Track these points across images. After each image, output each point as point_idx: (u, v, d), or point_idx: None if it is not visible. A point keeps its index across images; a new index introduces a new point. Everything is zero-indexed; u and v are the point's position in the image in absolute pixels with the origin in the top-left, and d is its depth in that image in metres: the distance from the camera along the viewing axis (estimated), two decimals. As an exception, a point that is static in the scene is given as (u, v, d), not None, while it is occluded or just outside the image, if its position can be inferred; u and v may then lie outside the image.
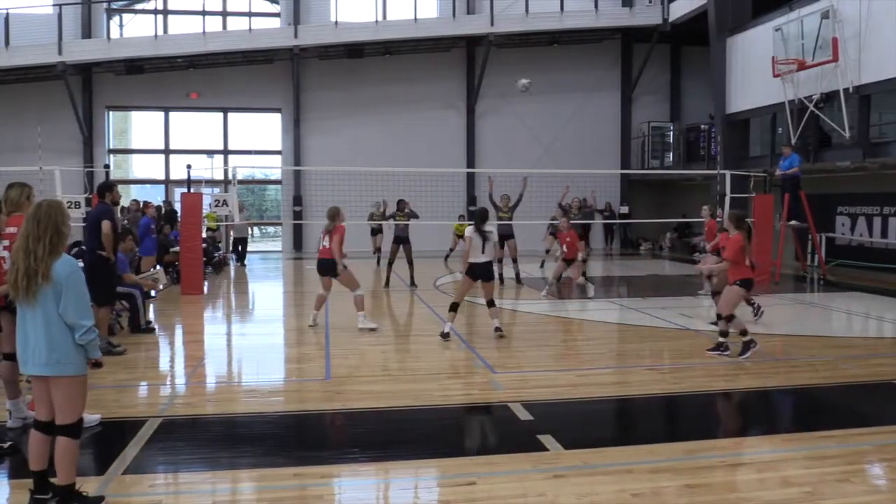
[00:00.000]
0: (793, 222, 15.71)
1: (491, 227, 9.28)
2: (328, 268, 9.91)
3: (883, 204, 17.18)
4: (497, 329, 9.31)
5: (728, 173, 16.67)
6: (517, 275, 15.17)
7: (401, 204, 15.35)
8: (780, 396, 6.99)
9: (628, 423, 6.47)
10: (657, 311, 11.50)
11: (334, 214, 10.01)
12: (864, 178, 17.26)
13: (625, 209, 25.12)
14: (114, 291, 8.86)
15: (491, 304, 9.37)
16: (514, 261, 15.22)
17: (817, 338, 9.65)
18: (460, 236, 20.30)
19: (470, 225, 9.22)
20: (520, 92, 15.78)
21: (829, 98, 16.01)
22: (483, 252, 9.06)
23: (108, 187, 8.84)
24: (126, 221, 14.50)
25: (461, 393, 6.91)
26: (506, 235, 14.83)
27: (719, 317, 8.29)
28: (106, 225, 8.26)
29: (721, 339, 8.27)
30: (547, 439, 5.35)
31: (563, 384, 7.12)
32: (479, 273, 9.15)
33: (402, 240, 14.76)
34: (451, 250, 20.55)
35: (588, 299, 12.82)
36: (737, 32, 19.58)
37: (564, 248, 13.29)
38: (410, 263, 14.73)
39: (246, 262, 19.88)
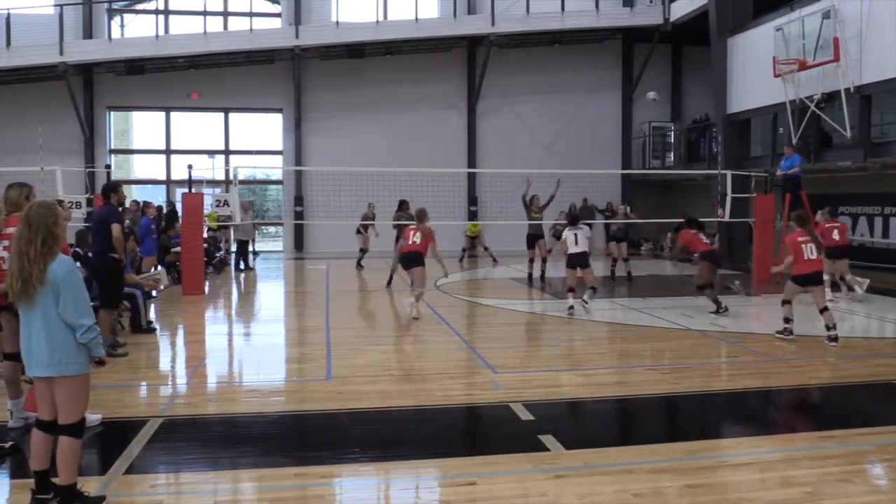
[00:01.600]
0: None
1: (583, 224, 11.58)
2: (414, 261, 10.94)
3: (884, 204, 17.17)
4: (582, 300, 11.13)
5: (729, 173, 16.67)
6: (542, 274, 15.52)
7: (404, 204, 15.37)
8: (780, 396, 6.99)
9: (629, 424, 6.46)
10: (658, 311, 11.50)
11: (422, 215, 11.29)
12: (866, 178, 17.25)
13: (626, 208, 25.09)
14: (121, 294, 8.80)
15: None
16: (543, 260, 15.65)
17: (818, 338, 9.64)
18: (472, 237, 20.45)
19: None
20: (651, 100, 16.67)
21: (831, 98, 15.99)
22: (577, 244, 11.15)
23: (114, 188, 8.67)
24: (129, 221, 14.51)
25: (462, 393, 6.91)
26: (536, 235, 15.56)
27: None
28: (116, 228, 8.21)
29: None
30: (548, 439, 5.36)
31: (565, 384, 7.12)
32: (576, 262, 11.20)
33: None
34: (465, 250, 20.74)
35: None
36: (738, 32, 19.56)
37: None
38: None
39: (252, 265, 19.10)
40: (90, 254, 8.57)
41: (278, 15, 24.60)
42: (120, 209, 9.07)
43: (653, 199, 25.61)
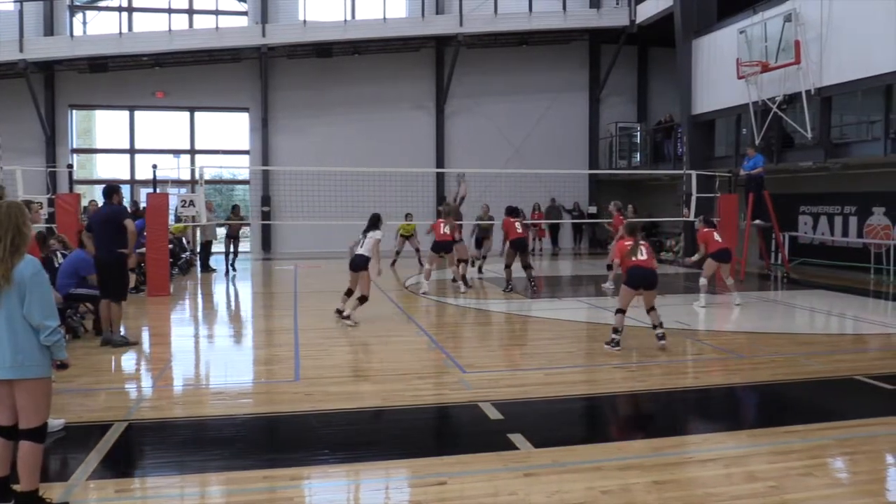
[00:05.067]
0: (757, 221, 15.99)
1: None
2: (446, 247, 13.83)
3: (843, 203, 17.55)
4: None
5: (694, 173, 16.91)
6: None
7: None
8: (744, 393, 7.11)
9: (597, 421, 6.52)
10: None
11: (452, 210, 14.36)
12: (826, 178, 17.62)
13: (593, 209, 25.34)
14: (127, 287, 9.58)
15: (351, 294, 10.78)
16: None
17: (781, 335, 9.83)
18: (405, 237, 19.22)
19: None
20: None
21: (792, 100, 16.30)
22: (361, 247, 10.55)
23: (115, 189, 9.28)
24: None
25: (431, 393, 6.92)
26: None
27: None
28: (130, 223, 8.96)
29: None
30: (517, 438, 5.39)
31: (533, 383, 7.16)
32: (357, 265, 10.49)
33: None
34: (398, 253, 19.59)
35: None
36: (702, 34, 19.85)
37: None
38: None
39: (211, 265, 18.47)
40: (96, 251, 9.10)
41: (245, 13, 24.38)
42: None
43: (619, 198, 25.69)
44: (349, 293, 10.78)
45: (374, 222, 10.75)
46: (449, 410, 6.46)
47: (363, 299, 10.45)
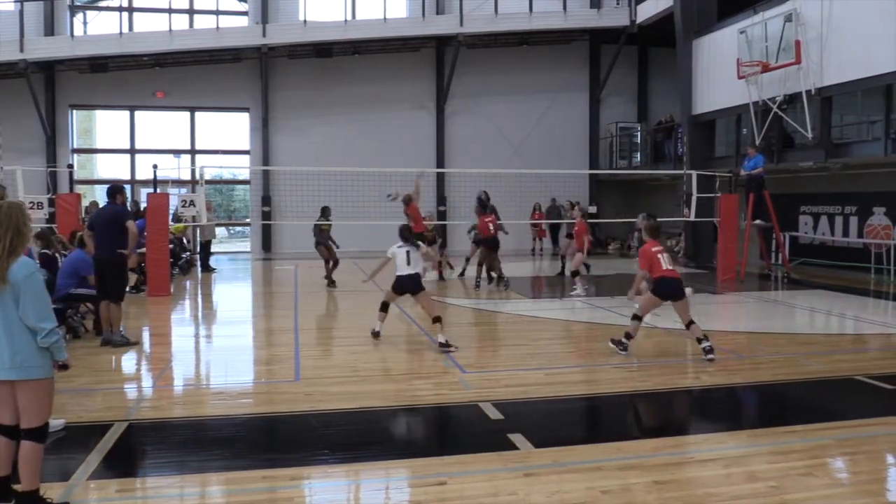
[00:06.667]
0: (757, 221, 15.99)
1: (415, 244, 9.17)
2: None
3: (844, 203, 17.55)
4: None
5: (694, 173, 16.91)
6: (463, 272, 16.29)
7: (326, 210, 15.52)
8: (745, 393, 7.11)
9: (597, 421, 6.53)
10: (625, 310, 11.59)
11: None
12: (826, 178, 17.62)
13: (593, 209, 25.31)
14: (125, 287, 9.54)
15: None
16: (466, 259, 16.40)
17: (781, 335, 9.83)
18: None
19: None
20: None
21: (792, 100, 16.29)
22: (408, 264, 8.92)
23: (119, 190, 9.36)
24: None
25: (431, 393, 6.91)
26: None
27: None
28: (132, 224, 9.03)
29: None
30: (517, 438, 5.39)
31: (533, 383, 7.16)
32: (418, 284, 9.03)
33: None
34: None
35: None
36: (703, 34, 19.84)
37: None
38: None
39: (211, 265, 18.59)
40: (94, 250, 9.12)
41: (245, 13, 24.37)
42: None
43: (620, 198, 25.87)
44: (384, 308, 9.24)
45: (410, 234, 9.22)
46: (449, 410, 6.46)
47: (438, 319, 8.77)
